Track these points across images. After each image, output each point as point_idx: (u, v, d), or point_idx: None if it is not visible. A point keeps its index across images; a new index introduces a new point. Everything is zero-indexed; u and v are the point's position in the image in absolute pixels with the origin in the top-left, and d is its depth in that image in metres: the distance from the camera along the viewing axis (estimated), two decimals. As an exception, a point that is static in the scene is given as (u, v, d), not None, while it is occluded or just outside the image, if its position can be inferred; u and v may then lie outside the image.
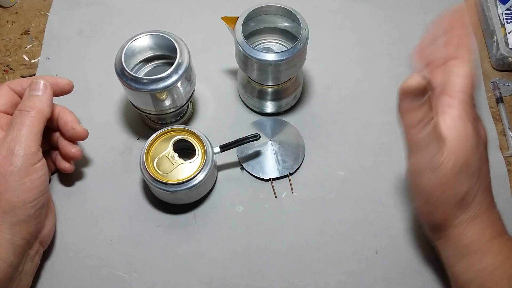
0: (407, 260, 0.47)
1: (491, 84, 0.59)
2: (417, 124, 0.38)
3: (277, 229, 0.49)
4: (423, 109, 0.38)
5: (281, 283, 0.47)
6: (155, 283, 0.47)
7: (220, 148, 0.49)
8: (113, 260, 0.48)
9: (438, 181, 0.39)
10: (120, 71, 0.46)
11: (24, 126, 0.41)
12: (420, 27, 0.62)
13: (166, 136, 0.48)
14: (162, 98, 0.47)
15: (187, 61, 0.47)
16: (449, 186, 0.39)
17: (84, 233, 0.49)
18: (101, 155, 0.53)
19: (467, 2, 0.42)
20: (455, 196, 0.40)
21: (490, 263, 0.40)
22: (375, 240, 0.49)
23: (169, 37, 0.47)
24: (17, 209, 0.40)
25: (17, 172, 0.40)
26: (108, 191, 0.51)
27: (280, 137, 0.54)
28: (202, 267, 0.48)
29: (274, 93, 0.53)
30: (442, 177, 0.39)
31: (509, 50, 0.57)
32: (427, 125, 0.38)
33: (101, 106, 0.56)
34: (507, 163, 0.53)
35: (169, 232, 0.49)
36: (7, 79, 0.59)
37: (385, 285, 0.47)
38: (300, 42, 0.47)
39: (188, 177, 0.45)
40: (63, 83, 0.47)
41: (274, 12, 0.50)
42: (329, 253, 0.48)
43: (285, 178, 0.52)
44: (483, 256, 0.40)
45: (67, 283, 0.47)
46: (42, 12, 0.64)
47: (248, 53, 0.46)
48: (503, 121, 0.56)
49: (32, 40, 0.62)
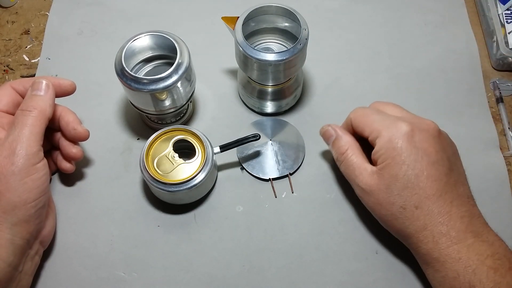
0: (406, 260, 0.47)
1: (491, 84, 0.59)
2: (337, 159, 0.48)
3: (277, 229, 0.49)
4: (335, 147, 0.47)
5: (281, 283, 0.47)
6: (155, 283, 0.47)
7: (220, 148, 0.49)
8: (113, 260, 0.48)
9: (371, 201, 0.44)
10: (120, 71, 0.46)
11: (26, 126, 0.41)
12: (420, 27, 0.62)
13: (166, 136, 0.48)
14: (162, 98, 0.47)
15: (187, 61, 0.47)
16: (382, 203, 0.43)
17: (84, 233, 0.49)
18: (101, 155, 0.53)
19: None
20: (391, 210, 0.42)
21: (449, 272, 0.40)
22: (375, 240, 0.49)
23: (169, 37, 0.47)
24: (18, 209, 0.40)
25: (18, 172, 0.40)
26: (108, 191, 0.51)
27: (280, 137, 0.54)
28: (202, 267, 0.48)
29: (274, 93, 0.53)
30: (373, 197, 0.44)
31: (509, 50, 0.57)
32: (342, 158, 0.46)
33: (101, 106, 0.56)
34: (507, 163, 0.53)
35: (169, 232, 0.49)
36: (7, 79, 0.59)
37: (385, 285, 0.47)
38: (300, 42, 0.47)
39: (188, 177, 0.45)
40: (66, 84, 0.47)
41: (274, 12, 0.50)
42: (329, 253, 0.48)
43: (285, 178, 0.52)
44: (442, 264, 0.40)
45: (67, 283, 0.47)
46: (42, 12, 0.64)
47: (248, 53, 0.46)
48: (503, 121, 0.56)
49: (32, 40, 0.62)
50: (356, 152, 0.46)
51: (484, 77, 0.59)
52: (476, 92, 0.58)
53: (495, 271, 0.38)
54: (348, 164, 0.46)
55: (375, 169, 0.44)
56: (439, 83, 0.58)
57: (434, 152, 0.42)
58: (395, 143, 0.42)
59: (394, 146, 0.42)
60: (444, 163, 0.42)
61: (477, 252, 0.39)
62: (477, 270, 0.38)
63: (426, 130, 0.43)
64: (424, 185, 0.41)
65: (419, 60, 0.60)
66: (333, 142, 0.48)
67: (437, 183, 0.41)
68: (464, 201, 0.42)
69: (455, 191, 0.42)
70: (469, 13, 0.64)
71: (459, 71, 0.59)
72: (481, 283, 0.38)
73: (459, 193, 0.42)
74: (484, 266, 0.38)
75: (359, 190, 0.45)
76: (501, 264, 0.39)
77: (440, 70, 0.59)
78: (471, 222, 0.41)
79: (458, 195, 0.42)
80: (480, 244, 0.40)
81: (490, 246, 0.40)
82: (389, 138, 0.43)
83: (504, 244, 0.41)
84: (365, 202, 0.46)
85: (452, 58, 0.60)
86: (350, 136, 0.47)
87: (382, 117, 0.45)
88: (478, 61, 0.60)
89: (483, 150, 0.54)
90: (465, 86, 0.58)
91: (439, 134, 0.44)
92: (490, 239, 0.40)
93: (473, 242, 0.40)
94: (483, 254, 0.39)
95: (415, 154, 0.42)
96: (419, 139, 0.42)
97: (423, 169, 0.41)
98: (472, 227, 0.40)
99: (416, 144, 0.42)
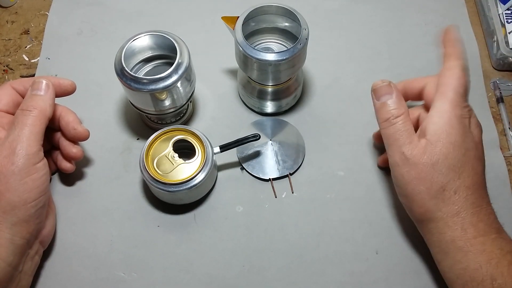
0: (407, 260, 0.47)
1: (491, 84, 0.59)
2: (386, 120, 0.43)
3: (277, 229, 0.49)
4: (392, 107, 0.43)
5: (281, 283, 0.47)
6: (155, 283, 0.47)
7: (220, 148, 0.49)
8: (113, 260, 0.48)
9: (411, 173, 0.41)
10: (120, 71, 0.46)
11: (26, 125, 0.41)
12: (420, 27, 0.62)
13: (166, 136, 0.48)
14: (162, 98, 0.47)
15: (187, 61, 0.47)
16: (423, 178, 0.41)
17: (84, 233, 0.49)
18: (100, 155, 0.53)
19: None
20: (430, 188, 0.41)
21: (472, 263, 0.40)
22: (375, 240, 0.49)
23: (169, 37, 0.47)
24: (18, 208, 0.40)
25: (18, 171, 0.40)
26: (108, 191, 0.51)
27: (280, 137, 0.54)
28: (202, 267, 0.48)
29: (274, 93, 0.53)
30: (415, 169, 0.41)
31: (509, 50, 0.57)
32: (396, 121, 0.42)
33: (101, 106, 0.56)
34: (507, 163, 0.53)
35: (169, 232, 0.49)
36: (6, 79, 0.59)
37: (385, 285, 0.47)
38: (300, 42, 0.46)
39: (188, 177, 0.45)
40: (66, 84, 0.47)
41: (274, 12, 0.50)
42: (329, 253, 0.48)
43: (285, 178, 0.52)
44: (465, 255, 0.40)
45: (67, 283, 0.47)
46: (42, 12, 0.64)
47: (248, 53, 0.46)
48: (503, 121, 0.56)
49: (31, 40, 0.62)
50: (410, 120, 0.43)
51: (485, 77, 0.59)
52: (476, 92, 0.58)
53: None
54: (398, 128, 0.42)
55: (426, 141, 0.41)
56: (439, 83, 0.58)
57: (481, 148, 0.43)
58: (455, 122, 0.41)
59: (453, 124, 0.41)
60: (483, 162, 0.43)
61: (500, 246, 0.40)
62: (499, 263, 0.39)
63: (477, 123, 0.44)
64: (467, 174, 0.41)
65: (419, 60, 0.60)
66: (389, 101, 0.43)
67: (477, 177, 0.42)
68: (489, 201, 0.43)
69: (486, 190, 0.43)
70: (469, 13, 0.64)
71: (459, 71, 0.59)
72: (502, 275, 0.38)
73: (487, 193, 0.43)
74: (505, 260, 0.39)
75: (401, 158, 0.42)
76: None
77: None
78: (495, 220, 0.42)
79: (487, 194, 0.43)
80: (501, 240, 0.40)
81: (509, 243, 0.41)
82: (451, 112, 0.41)
83: None
84: (400, 174, 0.42)
85: (452, 58, 0.60)
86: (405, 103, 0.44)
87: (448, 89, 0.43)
88: (478, 61, 0.60)
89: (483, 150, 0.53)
90: (465, 86, 0.58)
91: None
92: (507, 238, 0.41)
93: (496, 237, 0.40)
94: (504, 249, 0.40)
95: (470, 142, 0.42)
96: (476, 132, 0.43)
97: (471, 160, 0.41)
98: (496, 224, 0.42)
99: (473, 135, 0.42)
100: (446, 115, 0.41)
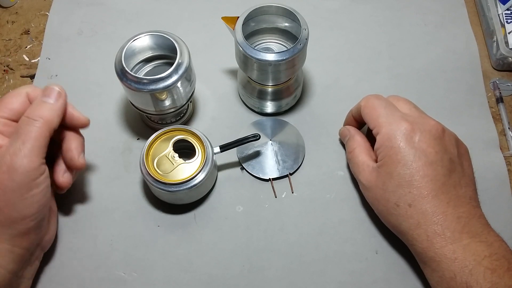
0: (407, 260, 0.47)
1: (491, 84, 0.59)
2: (348, 154, 0.50)
3: (277, 229, 0.49)
4: (348, 144, 0.50)
5: (281, 283, 0.47)
6: (155, 283, 0.47)
7: (220, 148, 0.49)
8: (113, 260, 0.48)
9: (371, 196, 0.46)
10: (120, 71, 0.46)
11: (30, 139, 0.38)
12: (420, 27, 0.62)
13: (166, 136, 0.48)
14: (162, 98, 0.47)
15: (187, 61, 0.47)
16: (379, 199, 0.44)
17: (84, 233, 0.49)
18: (101, 155, 0.53)
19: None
20: (386, 206, 0.44)
21: (446, 272, 0.39)
22: (375, 240, 0.49)
23: (169, 37, 0.47)
24: (17, 223, 0.39)
25: (18, 189, 0.38)
26: (108, 191, 0.51)
27: (280, 137, 0.54)
28: (202, 267, 0.48)
29: (274, 93, 0.53)
30: (372, 192, 0.45)
31: (509, 50, 0.57)
32: (351, 156, 0.49)
33: (101, 106, 0.56)
34: (507, 163, 0.53)
35: (169, 232, 0.49)
36: (6, 79, 0.59)
37: (385, 285, 0.47)
38: (300, 42, 0.47)
39: (188, 177, 0.45)
40: (81, 119, 0.44)
41: (274, 12, 0.50)
42: (329, 253, 0.48)
43: (285, 178, 0.52)
44: (438, 264, 0.40)
45: (67, 283, 0.47)
46: (42, 12, 0.64)
47: (248, 53, 0.46)
48: (503, 121, 0.56)
49: (32, 40, 0.62)
50: (363, 151, 0.48)
51: (484, 77, 0.59)
52: (476, 92, 0.58)
53: (493, 272, 0.38)
54: (354, 161, 0.48)
55: (375, 166, 0.45)
56: (439, 83, 0.58)
57: (434, 153, 0.42)
58: (393, 142, 0.43)
59: (392, 144, 0.43)
60: (444, 164, 0.42)
61: (474, 252, 0.39)
62: (473, 270, 0.38)
63: (428, 130, 0.43)
64: (418, 185, 0.41)
65: (419, 60, 0.60)
66: (346, 142, 0.51)
67: (433, 183, 0.41)
68: (464, 202, 0.42)
69: (454, 192, 0.42)
70: (469, 13, 0.64)
71: (459, 71, 0.59)
72: (478, 283, 0.38)
73: (459, 194, 0.42)
74: (481, 266, 0.38)
75: (361, 185, 0.47)
76: (499, 265, 0.38)
77: (440, 70, 0.59)
78: (469, 223, 0.40)
79: (457, 196, 0.42)
80: (477, 244, 0.39)
81: (489, 246, 0.39)
82: (388, 136, 0.44)
83: (504, 245, 0.40)
84: (366, 197, 0.47)
85: (452, 58, 0.60)
86: (362, 137, 0.50)
87: (388, 112, 0.45)
88: (478, 61, 0.60)
89: (483, 150, 0.54)
90: (465, 86, 0.58)
91: (443, 135, 0.44)
92: (489, 240, 0.40)
93: (469, 242, 0.39)
94: (480, 255, 0.39)
95: (412, 154, 0.42)
96: (419, 139, 0.43)
97: (419, 169, 0.42)
98: (470, 227, 0.40)
99: (415, 144, 0.42)
100: (383, 138, 0.44)
